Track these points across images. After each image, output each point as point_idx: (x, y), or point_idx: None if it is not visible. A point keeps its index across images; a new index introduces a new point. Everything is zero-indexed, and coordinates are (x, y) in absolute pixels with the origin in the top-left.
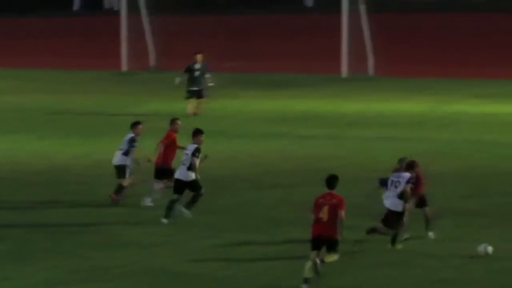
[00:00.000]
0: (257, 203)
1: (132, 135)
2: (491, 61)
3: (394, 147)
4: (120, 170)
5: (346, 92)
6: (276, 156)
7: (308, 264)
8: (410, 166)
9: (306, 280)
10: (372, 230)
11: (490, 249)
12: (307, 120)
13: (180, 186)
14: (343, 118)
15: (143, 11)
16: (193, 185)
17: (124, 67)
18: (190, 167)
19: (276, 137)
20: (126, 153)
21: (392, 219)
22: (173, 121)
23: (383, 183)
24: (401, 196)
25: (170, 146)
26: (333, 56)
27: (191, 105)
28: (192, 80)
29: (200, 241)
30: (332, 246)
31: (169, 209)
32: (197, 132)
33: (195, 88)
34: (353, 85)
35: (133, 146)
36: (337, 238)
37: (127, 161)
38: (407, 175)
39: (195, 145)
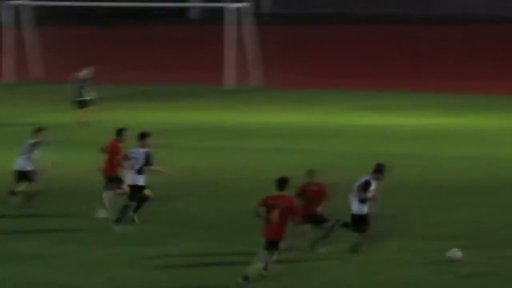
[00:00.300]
0: (149, 215)
1: (35, 140)
2: (378, 72)
3: (281, 158)
4: (23, 175)
5: (231, 103)
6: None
7: (258, 264)
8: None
9: (245, 278)
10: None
11: (458, 254)
12: (192, 131)
13: (134, 191)
14: (229, 130)
15: (27, 23)
16: (141, 191)
17: (8, 78)
18: (140, 172)
19: (161, 149)
20: (28, 158)
21: (358, 223)
22: (119, 131)
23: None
24: (363, 200)
25: (114, 156)
26: (218, 68)
27: (80, 115)
28: (79, 91)
29: (88, 254)
30: (275, 247)
31: (122, 215)
32: (144, 136)
33: (81, 98)
34: (238, 97)
35: (35, 151)
36: (281, 241)
37: (30, 166)
38: (363, 179)
39: (145, 150)
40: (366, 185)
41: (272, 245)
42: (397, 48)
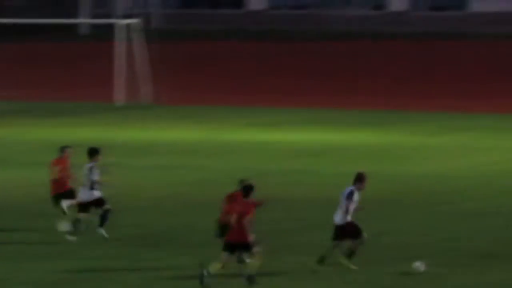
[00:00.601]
0: (40, 231)
1: None
2: (266, 89)
3: (168, 175)
4: None
5: (122, 120)
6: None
7: (217, 265)
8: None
9: (207, 273)
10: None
11: (421, 266)
12: (82, 148)
13: (86, 206)
14: (118, 147)
15: None
16: (99, 202)
17: None
18: (93, 187)
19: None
20: None
21: (341, 233)
22: (62, 148)
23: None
24: (345, 211)
25: (63, 172)
26: (108, 84)
27: None
28: None
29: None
30: (247, 248)
31: (75, 225)
32: (93, 152)
33: None
34: (129, 113)
35: None
36: (250, 241)
37: None
38: (347, 190)
39: (89, 165)
40: (349, 195)
41: (236, 248)
42: (286, 65)
